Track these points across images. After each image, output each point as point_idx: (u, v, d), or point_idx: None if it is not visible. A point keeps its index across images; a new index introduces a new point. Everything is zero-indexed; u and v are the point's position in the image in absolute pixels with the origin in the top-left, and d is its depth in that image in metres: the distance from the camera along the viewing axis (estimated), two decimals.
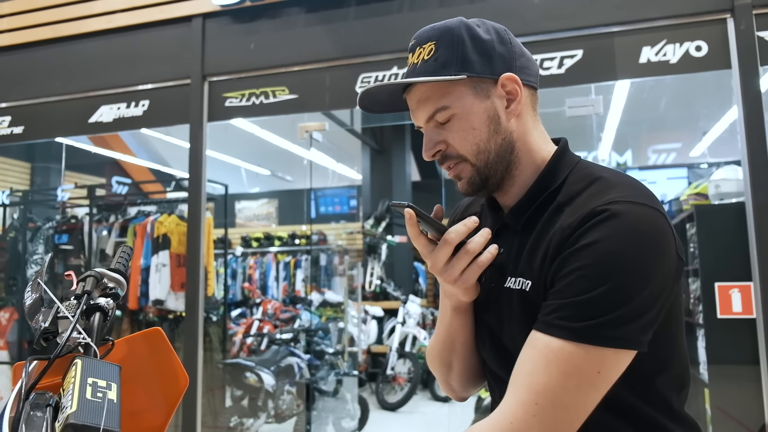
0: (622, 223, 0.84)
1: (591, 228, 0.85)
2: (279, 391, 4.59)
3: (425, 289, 8.96)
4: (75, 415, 0.63)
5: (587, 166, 0.99)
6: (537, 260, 0.92)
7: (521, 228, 0.98)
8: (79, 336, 0.77)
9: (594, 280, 0.83)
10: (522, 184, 1.00)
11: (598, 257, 0.83)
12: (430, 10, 3.34)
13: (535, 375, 0.83)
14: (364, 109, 1.07)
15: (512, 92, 0.97)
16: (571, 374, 0.82)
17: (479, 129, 0.96)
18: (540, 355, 0.84)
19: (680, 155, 8.48)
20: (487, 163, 0.97)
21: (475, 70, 0.96)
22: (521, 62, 0.99)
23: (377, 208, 8.32)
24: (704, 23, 2.92)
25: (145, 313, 4.25)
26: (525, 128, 1.00)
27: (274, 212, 10.59)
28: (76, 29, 4.01)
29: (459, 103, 0.96)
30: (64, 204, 5.16)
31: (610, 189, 0.90)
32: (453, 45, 0.96)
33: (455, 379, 1.13)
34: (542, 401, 0.82)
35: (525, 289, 0.93)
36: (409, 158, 8.79)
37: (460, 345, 1.08)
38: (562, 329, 0.83)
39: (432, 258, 0.96)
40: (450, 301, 1.03)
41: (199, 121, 3.68)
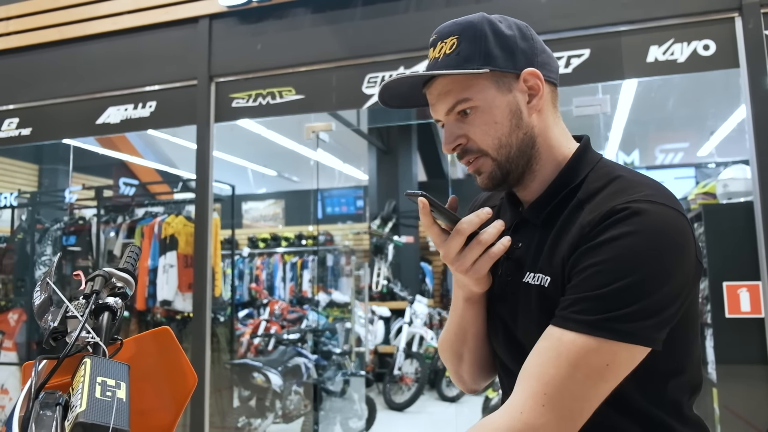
0: (643, 221, 0.84)
1: (611, 225, 0.85)
2: (286, 391, 4.60)
3: (432, 289, 8.95)
4: (84, 414, 0.63)
5: (608, 165, 0.99)
6: (557, 256, 0.92)
7: (541, 223, 0.98)
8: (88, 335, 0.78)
9: (611, 274, 0.83)
10: (542, 180, 1.00)
11: (617, 253, 0.83)
12: (437, 10, 3.34)
13: (545, 366, 0.84)
14: (384, 103, 1.06)
15: (534, 87, 0.98)
16: (580, 366, 0.82)
17: (501, 123, 0.96)
18: (551, 348, 0.85)
19: (688, 155, 8.44)
20: (508, 157, 0.97)
21: (497, 65, 0.96)
22: (542, 58, 1.00)
23: (384, 209, 8.32)
24: (712, 22, 2.90)
25: (152, 313, 4.27)
26: (546, 124, 1.00)
27: (280, 213, 10.62)
28: (83, 31, 4.03)
29: (481, 96, 0.96)
30: (71, 205, 5.18)
31: (630, 188, 0.90)
32: (476, 39, 0.96)
33: (466, 371, 1.13)
34: (551, 391, 0.82)
35: (544, 285, 0.93)
36: (415, 158, 8.79)
37: (471, 336, 1.08)
38: (576, 322, 0.83)
39: (445, 247, 0.96)
40: (462, 291, 1.03)
41: (206, 122, 3.69)
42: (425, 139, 8.96)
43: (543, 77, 0.98)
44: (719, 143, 7.08)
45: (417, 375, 6.59)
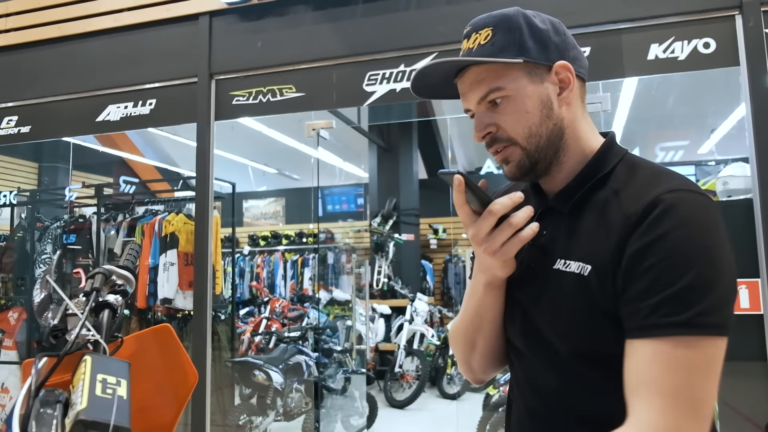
0: (689, 210, 0.86)
1: (659, 219, 0.86)
2: (287, 389, 4.60)
3: (432, 287, 8.95)
4: (85, 411, 0.63)
5: (635, 157, 1.01)
6: (599, 245, 0.93)
7: (569, 211, 1.00)
8: (88, 333, 0.78)
9: (676, 270, 0.84)
10: (569, 170, 1.02)
11: (675, 248, 0.85)
12: (438, 8, 3.33)
13: (661, 379, 0.83)
14: (416, 92, 1.09)
15: (565, 80, 1.00)
16: (691, 368, 0.82)
17: (532, 113, 0.98)
18: (656, 360, 0.84)
19: (688, 152, 8.44)
20: (538, 147, 0.99)
21: (531, 56, 0.98)
22: (573, 53, 1.02)
23: (384, 206, 8.32)
24: (712, 20, 2.89)
25: (153, 312, 4.27)
26: (574, 116, 1.02)
27: (281, 211, 10.61)
28: (83, 28, 4.03)
29: (514, 86, 0.98)
30: (71, 203, 5.17)
31: (663, 177, 0.93)
32: (511, 31, 0.99)
33: (477, 359, 1.14)
34: (680, 402, 0.82)
35: (583, 273, 0.93)
36: (416, 156, 8.79)
37: (487, 322, 1.08)
38: (668, 327, 0.83)
39: (475, 227, 0.97)
40: (484, 275, 1.03)
41: (206, 120, 3.69)
42: (426, 137, 8.96)
43: (574, 71, 1.00)
44: (719, 141, 7.07)
45: (418, 372, 6.60)
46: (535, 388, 1.04)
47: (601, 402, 0.95)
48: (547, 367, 1.01)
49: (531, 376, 1.05)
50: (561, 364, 0.98)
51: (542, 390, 1.02)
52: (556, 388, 1.00)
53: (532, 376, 1.05)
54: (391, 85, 3.39)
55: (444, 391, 6.76)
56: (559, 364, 0.99)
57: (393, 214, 8.29)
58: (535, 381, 1.04)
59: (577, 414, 0.98)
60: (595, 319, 0.92)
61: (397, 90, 3.38)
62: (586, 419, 0.97)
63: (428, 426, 5.98)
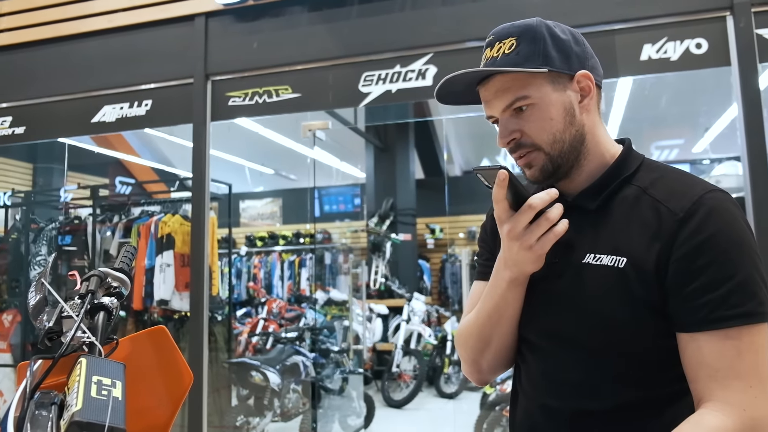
0: (729, 212, 0.95)
1: (706, 219, 0.93)
2: (285, 389, 4.60)
3: (430, 286, 8.96)
4: (80, 413, 0.64)
5: (653, 161, 1.08)
6: (635, 238, 0.98)
7: (596, 208, 1.04)
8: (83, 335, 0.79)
9: (732, 265, 0.92)
10: (589, 173, 1.07)
11: (726, 245, 0.92)
12: (433, 9, 3.34)
13: (737, 364, 0.90)
14: (440, 99, 1.13)
15: (586, 88, 1.05)
16: (759, 351, 0.91)
17: (556, 120, 1.03)
18: (727, 347, 0.91)
19: (683, 151, 8.48)
20: (561, 152, 1.04)
21: (555, 65, 1.02)
22: (592, 63, 1.08)
23: (381, 207, 8.32)
24: (704, 21, 2.91)
25: (149, 313, 4.27)
26: (593, 123, 1.07)
27: (278, 211, 10.61)
28: (78, 28, 4.02)
29: (539, 94, 1.02)
30: (67, 205, 5.17)
31: (689, 177, 1.02)
32: (535, 41, 1.03)
33: (488, 358, 1.15)
34: (754, 381, 0.90)
35: (618, 266, 0.98)
36: (413, 156, 8.79)
37: (506, 319, 1.10)
38: (734, 318, 0.90)
39: (512, 221, 1.00)
40: (511, 271, 1.05)
41: (203, 121, 3.69)
42: (422, 137, 8.97)
43: (593, 80, 1.05)
44: (714, 140, 7.10)
45: (415, 372, 6.61)
46: (552, 382, 1.06)
47: (625, 395, 0.98)
48: (568, 361, 1.03)
49: (549, 371, 1.07)
50: (584, 357, 1.01)
51: (560, 384, 1.04)
52: (576, 381, 1.02)
53: (551, 371, 1.06)
54: (387, 85, 3.40)
55: (441, 390, 6.77)
56: (582, 358, 1.02)
57: (390, 214, 8.30)
58: (551, 375, 1.06)
59: (594, 406, 1.00)
60: (635, 310, 0.96)
61: (392, 91, 3.39)
62: (604, 411, 1.00)
63: (425, 425, 6.00)
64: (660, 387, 0.98)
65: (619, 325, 0.97)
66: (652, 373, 0.98)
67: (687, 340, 0.94)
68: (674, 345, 0.96)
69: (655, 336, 0.97)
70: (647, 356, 0.98)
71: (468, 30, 3.22)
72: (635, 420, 0.98)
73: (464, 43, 3.24)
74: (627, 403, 0.98)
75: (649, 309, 0.96)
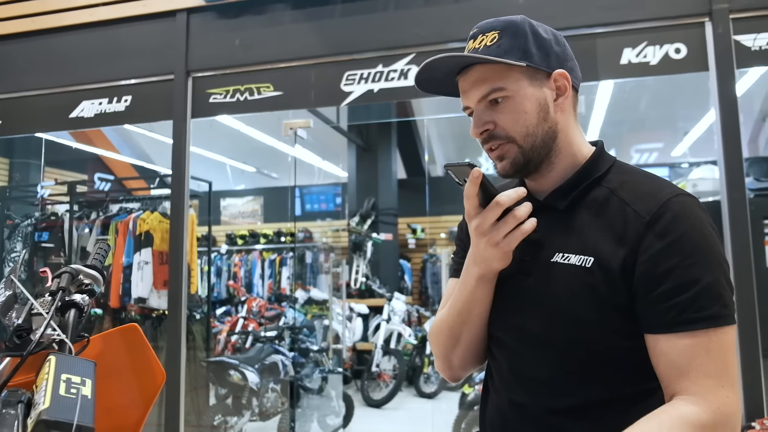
0: (695, 216, 0.97)
1: (673, 222, 0.95)
2: (263, 388, 4.58)
3: (410, 286, 8.97)
4: (47, 411, 0.63)
5: (624, 164, 1.11)
6: (602, 239, 1.00)
7: (564, 208, 1.06)
8: (53, 332, 0.77)
9: (699, 269, 0.93)
10: (559, 172, 1.09)
11: (692, 249, 0.94)
12: (415, 10, 3.34)
13: (707, 365, 0.92)
14: (418, 85, 1.13)
15: (562, 88, 1.07)
16: (725, 351, 0.93)
17: (530, 113, 1.04)
18: (696, 348, 0.93)
19: (662, 154, 8.59)
20: (533, 146, 1.05)
21: (534, 61, 1.04)
22: (571, 64, 1.10)
23: (363, 206, 8.32)
24: (683, 26, 2.96)
25: (127, 311, 4.22)
26: (567, 123, 1.09)
27: (259, 209, 10.56)
28: (57, 22, 3.97)
29: (515, 87, 1.04)
30: (43, 200, 5.09)
31: (658, 180, 1.04)
32: (516, 36, 1.05)
33: (459, 354, 1.16)
34: (725, 381, 0.92)
35: (586, 265, 0.99)
36: (395, 156, 8.80)
37: (475, 316, 1.11)
38: (703, 320, 0.93)
39: (480, 218, 1.01)
40: (479, 268, 1.06)
41: (183, 117, 3.66)
42: (405, 137, 8.97)
43: (570, 80, 1.07)
44: (693, 144, 7.21)
45: (395, 372, 6.61)
46: (520, 379, 1.07)
47: (591, 393, 1.00)
48: (537, 359, 1.05)
49: (517, 368, 1.08)
50: (552, 355, 1.03)
51: (529, 381, 1.06)
52: (544, 379, 1.04)
53: (519, 368, 1.08)
54: (369, 85, 3.40)
55: (421, 390, 6.78)
56: (550, 355, 1.03)
57: (371, 213, 8.30)
58: (520, 372, 1.07)
59: (562, 403, 1.02)
60: (601, 310, 0.98)
61: (374, 90, 3.39)
62: (572, 409, 1.01)
63: (404, 425, 6.00)
64: (626, 385, 1.00)
65: (585, 324, 0.99)
66: (618, 372, 1.00)
67: (655, 341, 0.96)
68: (641, 344, 0.98)
69: (621, 335, 0.98)
70: (613, 355, 0.99)
71: (450, 31, 3.23)
72: (602, 417, 0.99)
73: (446, 44, 3.25)
74: (594, 401, 1.00)
75: (616, 309, 0.98)
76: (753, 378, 2.68)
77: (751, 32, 2.87)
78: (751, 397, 2.67)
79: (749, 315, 2.71)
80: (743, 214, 2.77)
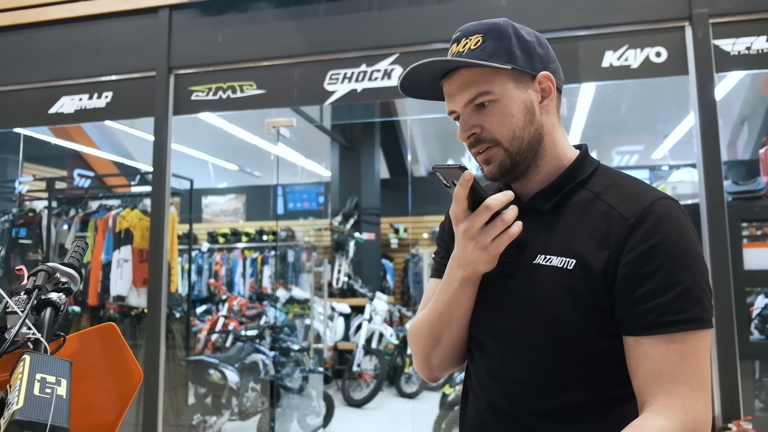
0: (677, 219, 0.97)
1: (656, 225, 0.96)
2: (243, 388, 4.56)
3: (393, 286, 8.98)
4: (21, 411, 0.62)
5: (608, 167, 1.11)
6: (584, 241, 1.00)
7: (549, 210, 1.06)
8: (28, 331, 0.76)
9: (679, 272, 0.94)
10: (545, 174, 1.09)
11: (674, 252, 0.95)
12: (399, 10, 3.35)
13: (680, 368, 0.93)
14: (403, 90, 1.13)
15: (546, 89, 1.07)
16: (701, 356, 0.94)
17: (517, 116, 1.04)
18: (671, 352, 0.93)
19: (642, 157, 8.69)
20: (520, 149, 1.05)
21: (518, 64, 1.04)
22: (554, 66, 1.10)
23: (345, 205, 8.31)
24: (664, 30, 2.99)
25: (106, 309, 4.17)
26: (552, 124, 1.09)
27: (241, 208, 10.50)
28: (37, 17, 3.91)
29: (501, 90, 1.04)
30: (21, 196, 5.01)
31: (640, 184, 1.04)
32: (500, 39, 1.05)
33: (439, 355, 1.15)
34: (696, 386, 0.93)
35: (567, 267, 0.99)
36: (378, 155, 8.80)
37: (457, 317, 1.10)
38: (680, 324, 0.93)
39: (469, 221, 1.00)
40: (464, 271, 1.05)
41: (164, 115, 3.63)
42: (388, 137, 8.98)
43: (555, 82, 1.07)
44: (673, 146, 7.30)
45: (376, 371, 6.61)
46: (499, 381, 1.07)
47: (571, 396, 1.00)
48: (517, 361, 1.04)
49: (495, 369, 1.08)
50: (532, 358, 1.03)
51: (507, 383, 1.06)
52: (524, 381, 1.03)
53: (497, 369, 1.07)
54: (353, 84, 3.39)
55: (402, 390, 6.79)
56: (530, 358, 1.03)
57: (354, 213, 8.29)
58: (499, 375, 1.07)
59: (541, 406, 1.02)
60: (582, 312, 0.98)
61: (358, 90, 3.39)
62: (549, 412, 1.01)
63: (384, 425, 6.01)
64: (606, 389, 1.00)
65: (566, 326, 0.99)
66: (598, 375, 1.00)
67: (632, 343, 0.96)
68: (620, 348, 0.98)
69: (602, 338, 0.99)
70: (593, 358, 1.00)
71: (434, 32, 3.24)
72: (582, 421, 1.00)
73: (430, 44, 3.26)
74: (573, 404, 1.00)
75: (597, 311, 0.98)
76: (730, 380, 2.72)
77: (730, 37, 2.91)
78: (727, 398, 2.71)
79: (726, 317, 2.75)
80: (721, 216, 2.81)
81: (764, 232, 3.88)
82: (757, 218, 3.17)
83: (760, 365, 3.31)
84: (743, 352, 2.76)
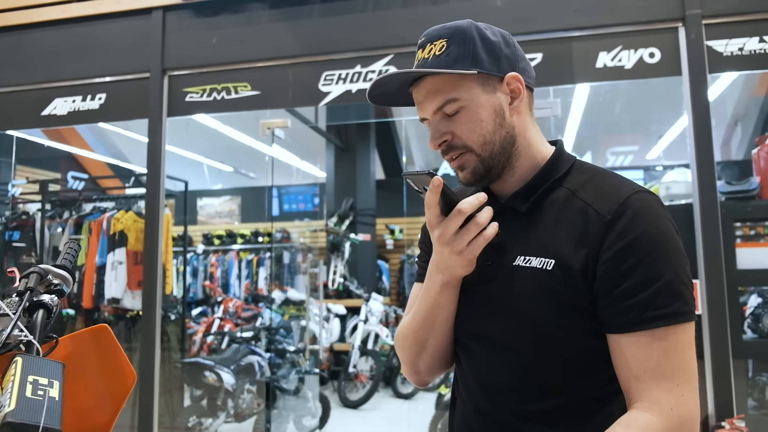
0: (655, 213, 0.96)
1: (633, 220, 0.95)
2: (239, 390, 4.55)
3: (388, 287, 8.99)
4: (13, 413, 0.62)
5: (585, 163, 1.10)
6: (562, 240, 0.99)
7: (526, 210, 1.05)
8: (20, 333, 0.76)
9: (659, 266, 0.93)
10: (521, 175, 1.08)
11: (653, 247, 0.94)
12: (394, 10, 3.35)
13: (663, 364, 0.92)
14: (372, 100, 1.12)
15: (515, 90, 1.05)
16: (684, 350, 0.93)
17: (486, 121, 1.03)
18: (654, 347, 0.93)
19: (637, 157, 8.72)
20: (492, 153, 1.04)
21: (484, 67, 1.02)
22: (523, 65, 1.08)
23: (341, 206, 8.31)
24: (657, 31, 3.01)
25: (100, 312, 4.16)
26: (525, 124, 1.08)
27: (236, 209, 10.48)
28: (30, 18, 3.90)
29: (468, 96, 1.02)
30: (14, 199, 4.99)
31: (617, 178, 1.03)
32: (465, 43, 1.03)
33: (425, 360, 1.15)
34: (681, 380, 0.92)
35: (546, 267, 0.98)
36: (373, 156, 8.80)
37: (440, 322, 1.10)
38: (662, 318, 0.92)
39: (442, 227, 0.99)
40: (443, 275, 1.05)
41: (158, 116, 3.62)
42: (383, 138, 8.98)
43: (524, 82, 1.05)
44: (667, 147, 7.33)
45: (372, 372, 6.61)
46: (485, 386, 1.06)
47: (556, 397, 0.99)
48: (501, 365, 1.04)
49: (480, 374, 1.07)
50: (516, 361, 1.02)
51: (492, 388, 1.05)
52: (508, 385, 1.03)
53: (482, 374, 1.07)
54: (347, 85, 3.39)
55: (398, 391, 6.79)
56: (514, 361, 1.02)
57: (349, 214, 8.29)
58: (484, 379, 1.06)
59: (526, 410, 1.01)
60: (563, 312, 0.97)
61: (352, 91, 3.39)
62: (535, 415, 1.00)
63: (380, 426, 6.00)
64: (593, 388, 1.00)
65: (548, 327, 0.98)
66: (582, 376, 0.99)
67: (616, 341, 0.96)
68: (604, 347, 0.98)
69: (585, 338, 0.98)
70: (577, 358, 0.99)
71: None
72: (568, 422, 0.99)
73: None
74: (558, 406, 0.99)
75: (578, 310, 0.97)
76: (723, 378, 2.73)
77: (723, 38, 2.92)
78: (721, 397, 2.72)
79: (720, 316, 2.76)
80: (715, 216, 2.82)
81: (757, 232, 3.90)
82: (750, 218, 3.19)
83: (753, 364, 3.32)
84: (736, 350, 2.77)
